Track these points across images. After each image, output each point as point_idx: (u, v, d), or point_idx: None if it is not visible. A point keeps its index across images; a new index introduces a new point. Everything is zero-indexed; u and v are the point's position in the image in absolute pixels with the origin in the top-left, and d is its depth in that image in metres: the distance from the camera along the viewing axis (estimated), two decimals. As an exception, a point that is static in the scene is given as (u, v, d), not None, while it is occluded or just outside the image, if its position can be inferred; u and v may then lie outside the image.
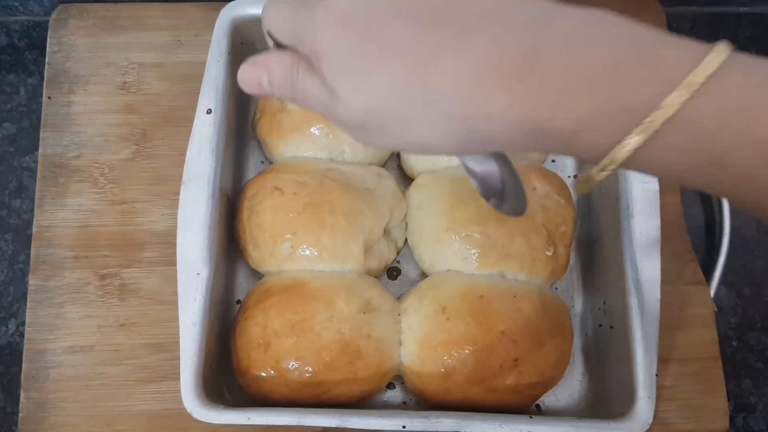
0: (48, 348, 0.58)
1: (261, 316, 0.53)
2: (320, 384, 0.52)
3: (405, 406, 0.58)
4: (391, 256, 0.59)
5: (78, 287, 0.60)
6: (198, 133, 0.55)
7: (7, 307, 0.63)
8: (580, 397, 0.59)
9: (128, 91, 0.65)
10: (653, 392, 0.51)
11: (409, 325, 0.55)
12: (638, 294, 0.53)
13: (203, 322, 0.51)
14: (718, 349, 0.60)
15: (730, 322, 0.64)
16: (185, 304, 0.51)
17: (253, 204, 0.57)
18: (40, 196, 0.62)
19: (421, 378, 0.53)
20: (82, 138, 0.63)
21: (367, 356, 0.52)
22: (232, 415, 0.50)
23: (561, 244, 0.57)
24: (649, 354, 0.51)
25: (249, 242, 0.57)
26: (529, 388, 0.53)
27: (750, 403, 0.62)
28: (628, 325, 0.52)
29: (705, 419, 0.58)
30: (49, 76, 0.65)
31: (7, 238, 0.64)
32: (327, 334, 0.52)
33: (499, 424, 0.50)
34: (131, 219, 0.62)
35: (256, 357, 0.52)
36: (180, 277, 0.52)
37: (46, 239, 0.61)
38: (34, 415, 0.57)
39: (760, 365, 0.63)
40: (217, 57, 0.56)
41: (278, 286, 0.55)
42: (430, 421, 0.50)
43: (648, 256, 0.53)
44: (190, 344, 0.51)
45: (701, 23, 0.72)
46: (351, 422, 0.50)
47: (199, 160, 0.54)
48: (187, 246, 0.52)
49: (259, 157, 0.64)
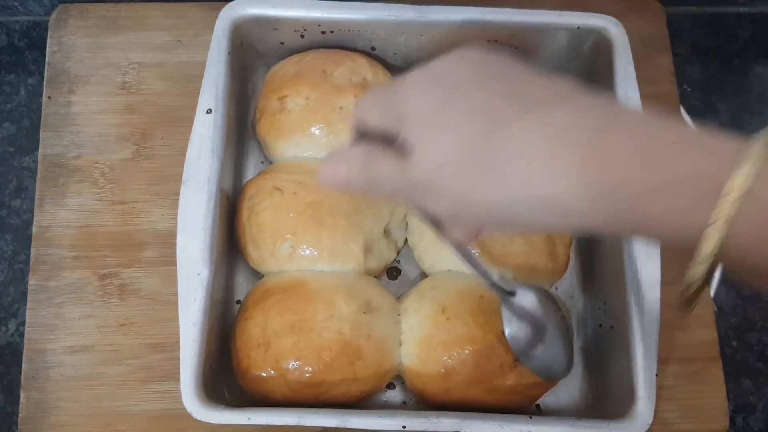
0: (48, 348, 0.58)
1: (261, 316, 0.53)
2: (320, 384, 0.52)
3: (405, 406, 0.58)
4: (391, 256, 0.59)
5: (78, 287, 0.60)
6: (198, 133, 0.54)
7: (7, 307, 0.63)
8: (580, 397, 0.59)
9: (128, 91, 0.65)
10: (653, 392, 0.51)
11: (409, 325, 0.55)
12: (638, 294, 0.52)
13: (203, 323, 0.51)
14: (718, 349, 0.60)
15: (730, 322, 0.64)
16: (185, 304, 0.51)
17: (252, 204, 0.57)
18: (40, 196, 0.62)
19: (421, 378, 0.53)
20: (82, 138, 0.63)
21: (367, 356, 0.52)
22: (232, 415, 0.50)
23: (561, 245, 0.57)
24: (648, 354, 0.51)
25: (249, 242, 0.57)
26: (529, 389, 0.53)
27: (750, 403, 0.62)
28: (627, 325, 0.52)
29: (705, 419, 0.58)
30: (49, 76, 0.65)
31: (7, 238, 0.64)
32: (327, 334, 0.52)
33: (499, 425, 0.50)
34: (131, 219, 0.62)
35: (256, 357, 0.52)
36: (180, 277, 0.52)
37: (46, 239, 0.61)
38: (34, 415, 0.57)
39: (760, 365, 0.63)
40: (217, 57, 0.56)
41: (278, 286, 0.55)
42: (430, 421, 0.50)
43: (648, 257, 0.53)
44: (191, 344, 0.51)
45: (701, 23, 0.72)
46: (351, 422, 0.50)
47: (198, 160, 0.54)
48: (187, 246, 0.52)
49: (259, 157, 0.64)
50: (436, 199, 0.35)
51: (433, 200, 0.36)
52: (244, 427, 0.50)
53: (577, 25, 0.58)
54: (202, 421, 0.50)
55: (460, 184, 0.34)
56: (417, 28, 0.59)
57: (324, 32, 0.60)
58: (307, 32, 0.60)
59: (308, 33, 0.60)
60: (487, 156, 0.32)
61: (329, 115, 0.57)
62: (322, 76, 0.58)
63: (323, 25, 0.59)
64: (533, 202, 0.32)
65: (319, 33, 0.60)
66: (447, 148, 0.34)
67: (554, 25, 0.58)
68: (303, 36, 0.61)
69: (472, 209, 0.34)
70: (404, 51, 0.62)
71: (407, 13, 0.58)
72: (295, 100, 0.58)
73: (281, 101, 0.59)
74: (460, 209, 0.35)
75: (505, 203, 0.33)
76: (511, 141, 0.32)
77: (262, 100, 0.61)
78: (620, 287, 0.54)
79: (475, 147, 0.33)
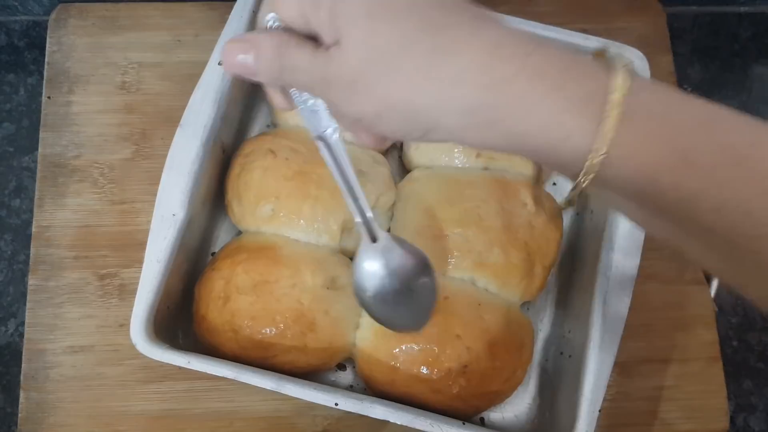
0: (47, 348, 0.58)
1: (227, 270, 0.53)
2: (269, 347, 0.52)
3: (351, 389, 0.58)
4: (368, 241, 0.59)
5: (78, 287, 0.60)
6: (206, 81, 0.54)
7: (7, 307, 0.62)
8: (526, 420, 0.58)
9: (128, 90, 0.65)
10: (592, 427, 0.50)
11: None
12: (601, 328, 0.51)
13: (168, 261, 0.51)
14: (719, 349, 0.60)
15: (730, 322, 0.64)
16: (154, 240, 0.51)
17: (246, 162, 0.57)
18: (39, 196, 0.62)
19: (370, 365, 0.53)
20: (82, 138, 0.63)
21: (321, 330, 0.52)
22: (174, 356, 0.49)
23: (539, 265, 0.56)
24: (597, 389, 0.50)
25: (234, 197, 0.57)
26: (474, 398, 0.53)
27: (750, 403, 0.62)
28: (583, 356, 0.51)
29: (705, 419, 0.58)
30: (48, 76, 0.65)
31: (7, 238, 0.64)
32: (286, 300, 0.52)
33: (430, 423, 0.49)
34: (131, 219, 0.62)
35: (214, 308, 0.53)
36: (155, 215, 0.52)
37: (45, 239, 0.61)
38: (34, 416, 0.57)
39: (760, 365, 0.63)
40: (240, 13, 0.56)
41: (251, 244, 0.55)
42: (363, 405, 0.49)
43: (619, 293, 0.52)
44: (150, 280, 0.51)
45: (701, 23, 0.72)
46: (286, 388, 0.49)
47: (200, 107, 0.54)
48: (168, 186, 0.52)
49: (265, 121, 0.64)
50: (357, 97, 0.33)
51: (354, 97, 0.33)
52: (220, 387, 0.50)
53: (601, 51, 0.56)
54: (145, 355, 0.50)
55: (389, 82, 0.32)
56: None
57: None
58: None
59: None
60: (423, 54, 0.31)
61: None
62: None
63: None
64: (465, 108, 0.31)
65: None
66: (382, 41, 0.31)
67: (577, 46, 0.56)
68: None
69: (395, 111, 0.33)
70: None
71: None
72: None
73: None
74: (383, 110, 0.33)
75: (433, 105, 0.32)
76: (449, 43, 0.31)
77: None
78: (586, 318, 0.53)
79: (413, 44, 0.31)
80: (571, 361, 0.55)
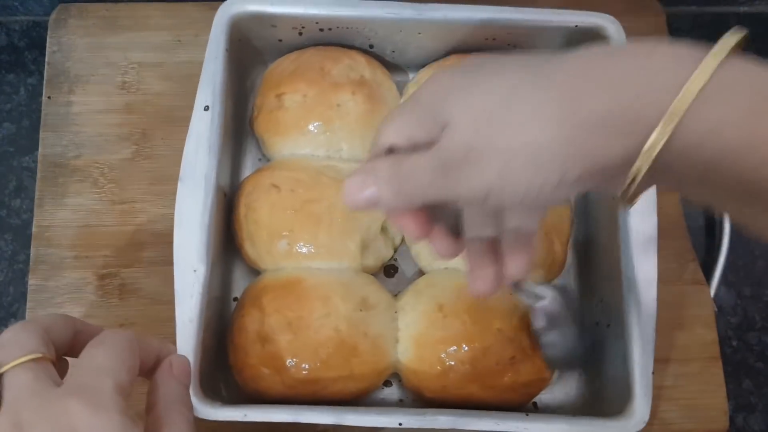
0: (47, 347, 0.58)
1: (258, 314, 0.53)
2: (317, 381, 0.52)
3: (401, 403, 0.58)
4: (388, 254, 0.59)
5: (78, 287, 0.60)
6: (195, 130, 0.54)
7: (7, 307, 0.63)
8: (577, 395, 0.58)
9: (128, 90, 0.65)
10: (650, 390, 0.51)
11: (405, 323, 0.54)
12: (634, 292, 0.52)
13: (200, 319, 0.51)
14: (718, 349, 0.60)
15: (730, 322, 0.64)
16: (182, 301, 0.51)
17: (249, 201, 0.57)
18: (39, 196, 0.62)
19: (418, 375, 0.53)
20: (82, 138, 0.64)
21: (364, 353, 0.52)
22: (229, 411, 0.50)
23: (558, 242, 0.57)
24: (645, 352, 0.51)
25: (246, 239, 0.57)
26: (526, 386, 0.53)
27: (750, 403, 0.62)
28: (624, 323, 0.52)
29: (705, 419, 0.58)
30: (48, 76, 0.65)
31: (7, 238, 0.64)
32: (324, 331, 0.52)
33: (496, 422, 0.49)
34: (131, 219, 0.62)
35: (253, 354, 0.52)
36: (177, 274, 0.52)
37: (45, 239, 0.61)
38: (33, 414, 0.57)
39: (760, 365, 0.63)
40: (215, 54, 0.56)
41: (275, 283, 0.55)
42: (427, 419, 0.49)
43: (644, 255, 0.53)
44: (187, 341, 0.50)
45: (701, 23, 0.72)
46: (347, 419, 0.49)
47: (196, 158, 0.54)
48: (183, 243, 0.52)
49: (256, 155, 0.64)
50: (477, 167, 0.33)
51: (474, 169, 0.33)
52: (242, 425, 0.50)
53: (574, 24, 0.58)
54: (200, 417, 0.49)
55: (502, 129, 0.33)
56: (415, 26, 0.59)
57: (322, 29, 0.60)
58: (305, 29, 0.60)
59: (306, 30, 0.60)
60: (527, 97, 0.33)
61: (327, 113, 0.57)
62: (319, 74, 0.58)
63: (321, 22, 0.59)
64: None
65: (317, 30, 0.60)
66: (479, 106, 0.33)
67: (552, 24, 0.58)
68: (301, 33, 0.61)
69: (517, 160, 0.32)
70: (402, 48, 0.62)
71: (405, 11, 0.58)
72: (293, 98, 0.58)
73: (279, 98, 0.59)
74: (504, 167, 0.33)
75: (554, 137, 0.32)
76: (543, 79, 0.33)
77: (260, 97, 0.61)
78: (616, 285, 0.53)
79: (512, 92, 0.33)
80: (610, 330, 0.55)
